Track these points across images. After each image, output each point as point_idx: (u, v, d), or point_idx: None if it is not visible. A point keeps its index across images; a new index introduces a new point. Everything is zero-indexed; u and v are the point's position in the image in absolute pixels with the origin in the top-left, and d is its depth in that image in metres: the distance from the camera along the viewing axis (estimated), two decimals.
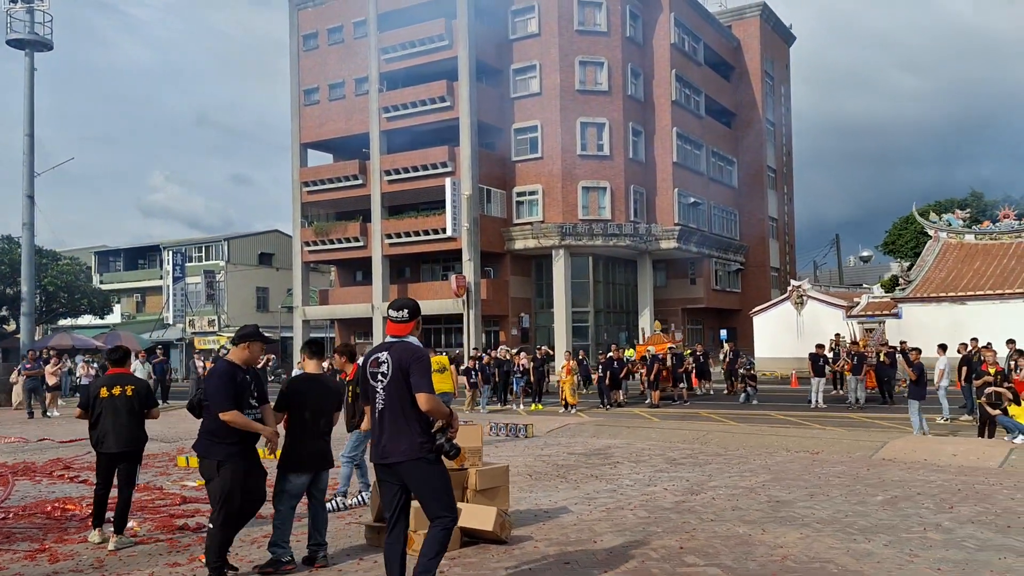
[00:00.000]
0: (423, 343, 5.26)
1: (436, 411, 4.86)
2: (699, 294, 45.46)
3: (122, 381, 7.19)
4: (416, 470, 4.83)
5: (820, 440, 13.01)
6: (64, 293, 30.74)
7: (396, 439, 4.85)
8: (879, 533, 6.91)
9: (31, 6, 26.99)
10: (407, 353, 4.91)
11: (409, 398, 4.83)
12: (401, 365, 4.87)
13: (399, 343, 5.00)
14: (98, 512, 7.14)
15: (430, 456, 4.87)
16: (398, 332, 5.05)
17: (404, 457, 4.82)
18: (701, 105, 45.93)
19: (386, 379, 4.90)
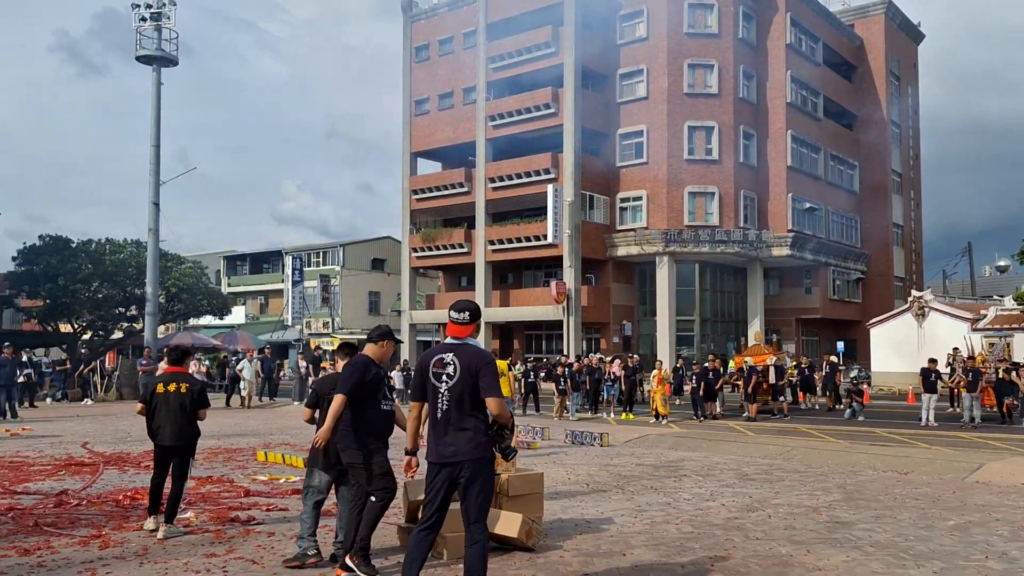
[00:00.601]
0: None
1: (504, 415, 4.98)
2: (815, 304, 43.69)
3: (178, 379, 7.52)
4: (475, 469, 4.93)
5: (912, 460, 12.24)
6: (185, 294, 32.55)
7: (461, 440, 4.93)
8: (934, 559, 6.41)
9: (159, 24, 28.63)
10: (476, 357, 5.01)
11: (472, 400, 4.92)
12: (470, 368, 4.95)
13: (463, 345, 5.07)
14: (153, 500, 7.48)
15: (490, 456, 4.99)
16: (459, 334, 5.10)
17: (466, 456, 4.91)
18: (819, 107, 44.22)
19: (452, 380, 4.97)
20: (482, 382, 4.90)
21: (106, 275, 29.89)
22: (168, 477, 7.46)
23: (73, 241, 30.83)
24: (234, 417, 20.52)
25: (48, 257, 29.52)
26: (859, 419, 21.00)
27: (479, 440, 4.92)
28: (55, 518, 7.93)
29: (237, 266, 59.39)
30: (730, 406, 23.35)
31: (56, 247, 30.08)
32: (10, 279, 29.25)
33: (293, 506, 8.61)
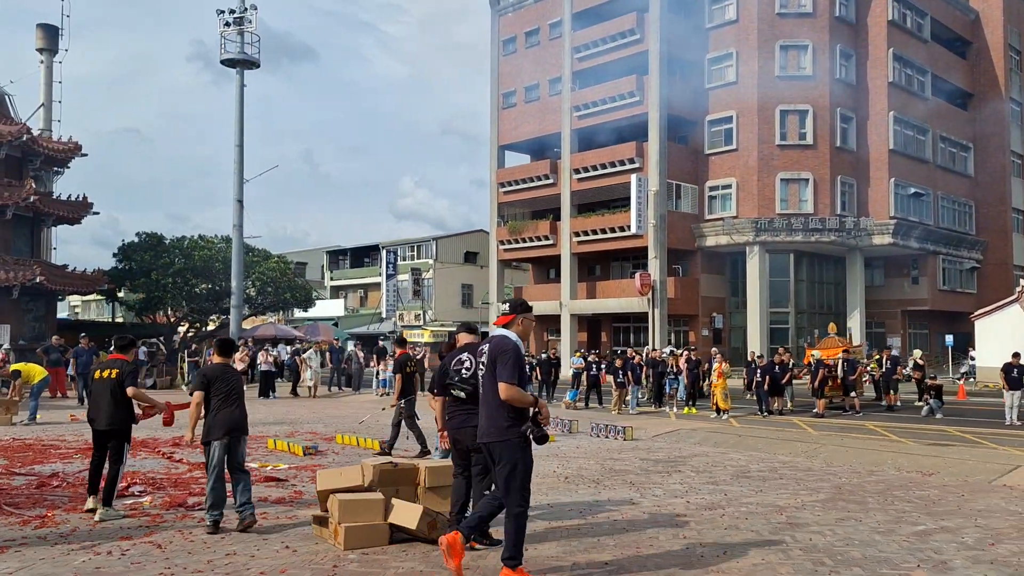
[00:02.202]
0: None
1: (514, 400, 5.25)
2: (922, 295, 41.15)
3: (112, 366, 7.78)
4: (502, 450, 5.29)
5: (943, 460, 11.33)
6: (270, 288, 33.83)
7: (490, 421, 5.38)
8: (856, 566, 5.86)
9: (241, 28, 29.77)
10: (497, 346, 5.43)
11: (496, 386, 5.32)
12: (492, 356, 5.41)
13: (498, 336, 5.54)
14: (92, 481, 7.76)
15: (516, 440, 5.26)
16: (501, 323, 5.65)
17: (493, 438, 5.34)
18: (926, 86, 41.55)
19: (484, 368, 5.48)
20: (497, 369, 5.32)
21: (196, 269, 31.42)
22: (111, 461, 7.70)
23: (167, 238, 32.60)
24: (288, 406, 21.11)
25: (143, 253, 31.28)
26: (937, 417, 19.64)
27: (503, 424, 5.29)
28: (25, 498, 8.34)
29: (339, 260, 61.28)
30: (802, 402, 22.27)
31: (150, 244, 31.86)
32: (110, 275, 31.14)
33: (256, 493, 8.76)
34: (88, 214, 29.81)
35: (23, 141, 27.26)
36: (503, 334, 5.54)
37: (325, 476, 7.09)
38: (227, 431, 7.15)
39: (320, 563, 5.99)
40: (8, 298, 26.59)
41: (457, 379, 6.40)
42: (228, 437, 7.15)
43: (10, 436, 13.63)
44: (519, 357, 5.38)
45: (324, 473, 7.21)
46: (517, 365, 5.32)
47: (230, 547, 6.49)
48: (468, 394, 6.38)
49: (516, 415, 5.28)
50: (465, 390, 6.38)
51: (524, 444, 5.30)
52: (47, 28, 35.85)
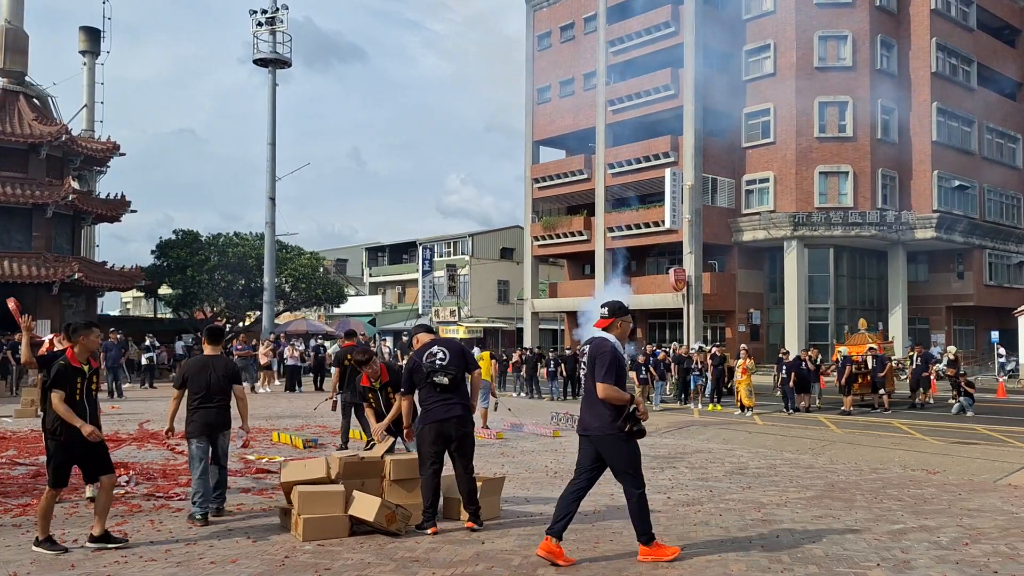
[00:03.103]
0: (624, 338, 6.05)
1: (611, 398, 5.69)
2: (968, 290, 39.98)
3: None
4: (605, 443, 5.75)
5: (952, 458, 11.00)
6: (303, 284, 34.26)
7: (592, 416, 5.81)
8: (812, 564, 5.71)
9: (273, 28, 30.17)
10: (595, 347, 5.82)
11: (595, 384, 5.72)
12: (591, 357, 5.81)
13: (596, 338, 5.90)
14: None
15: (617, 433, 5.67)
16: (600, 326, 5.97)
17: (596, 432, 5.77)
18: (972, 76, 40.35)
19: (585, 367, 5.88)
20: (595, 370, 5.74)
21: (230, 266, 31.96)
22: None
23: (202, 235, 33.21)
24: (312, 400, 21.28)
25: (180, 250, 31.93)
26: (968, 415, 19.09)
27: (605, 419, 5.71)
28: (17, 487, 8.56)
29: (378, 257, 61.78)
30: (831, 399, 21.80)
31: (187, 241, 32.50)
32: (148, 272, 31.84)
33: (241, 484, 8.88)
34: (126, 212, 30.51)
35: (63, 141, 28.00)
36: (602, 336, 5.89)
37: (290, 468, 7.13)
38: (203, 431, 7.18)
39: (273, 553, 6.04)
40: (49, 294, 27.38)
41: (438, 367, 6.78)
42: (207, 436, 7.20)
43: (30, 427, 14.00)
44: (616, 358, 5.77)
45: (289, 465, 7.26)
46: (614, 366, 5.72)
47: (193, 536, 6.58)
48: (450, 380, 6.79)
49: (616, 411, 5.67)
50: (448, 375, 6.78)
51: (627, 436, 5.72)
52: (89, 31, 36.75)
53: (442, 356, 6.84)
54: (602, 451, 5.82)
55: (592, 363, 5.78)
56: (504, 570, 5.60)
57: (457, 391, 6.87)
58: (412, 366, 6.96)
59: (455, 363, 6.84)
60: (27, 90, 29.67)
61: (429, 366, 6.78)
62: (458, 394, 6.88)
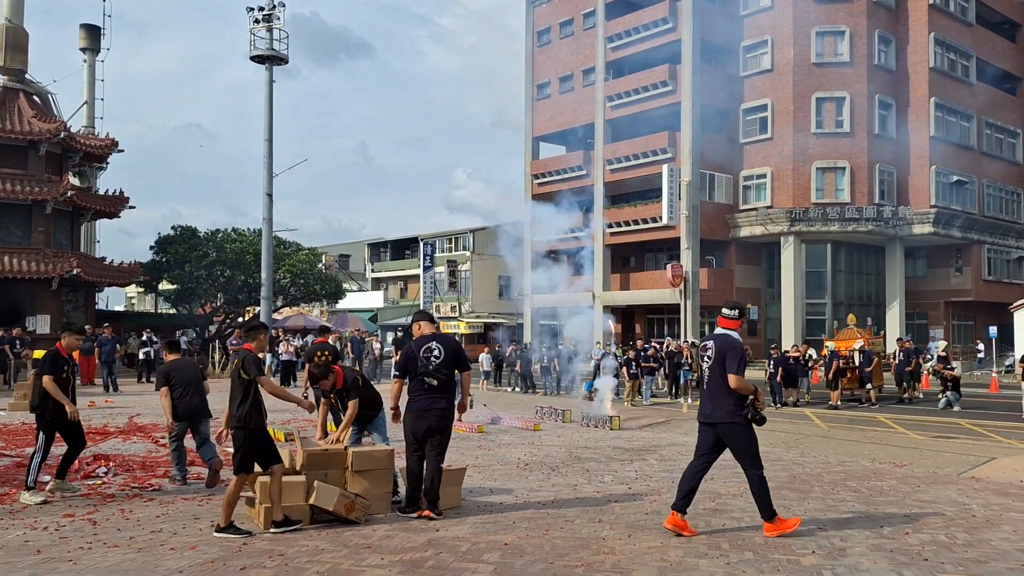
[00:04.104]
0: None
1: (741, 388, 6.29)
2: (966, 286, 40.03)
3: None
4: (730, 430, 6.33)
5: (920, 452, 11.17)
6: (301, 280, 34.51)
7: (716, 406, 6.35)
8: (747, 550, 5.90)
9: (270, 25, 30.36)
10: (725, 343, 6.40)
11: (724, 376, 6.28)
12: (720, 351, 6.37)
13: (722, 335, 6.50)
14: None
15: (741, 420, 6.27)
16: (727, 326, 6.55)
17: (722, 420, 6.33)
18: (971, 71, 40.35)
19: (710, 361, 6.44)
20: (726, 363, 6.30)
21: (228, 262, 32.24)
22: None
23: (200, 231, 33.49)
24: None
25: (178, 246, 32.21)
26: (954, 409, 19.23)
27: (730, 408, 6.28)
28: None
29: (380, 252, 62.05)
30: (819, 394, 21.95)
31: (185, 236, 32.79)
32: (147, 267, 32.14)
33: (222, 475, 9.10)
34: (125, 208, 30.79)
35: (62, 138, 28.28)
36: (728, 333, 6.49)
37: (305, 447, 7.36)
38: (187, 416, 8.66)
39: (232, 541, 6.26)
40: (48, 289, 27.68)
41: (432, 367, 7.11)
42: (189, 420, 8.68)
43: (21, 420, 14.28)
44: (743, 353, 6.45)
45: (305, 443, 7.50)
46: (744, 360, 6.37)
47: (160, 524, 6.81)
48: (440, 383, 7.13)
49: (739, 401, 6.27)
50: (438, 378, 7.12)
51: (747, 423, 6.33)
52: (90, 28, 36.99)
53: (437, 354, 7.14)
54: (724, 437, 6.41)
55: (721, 357, 6.35)
56: (451, 556, 5.81)
57: (445, 389, 7.19)
58: (408, 356, 7.23)
59: (448, 363, 7.17)
60: (27, 87, 29.95)
61: (424, 363, 7.09)
62: (445, 391, 7.20)
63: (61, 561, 5.67)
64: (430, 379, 7.09)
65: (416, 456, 7.18)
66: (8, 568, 5.50)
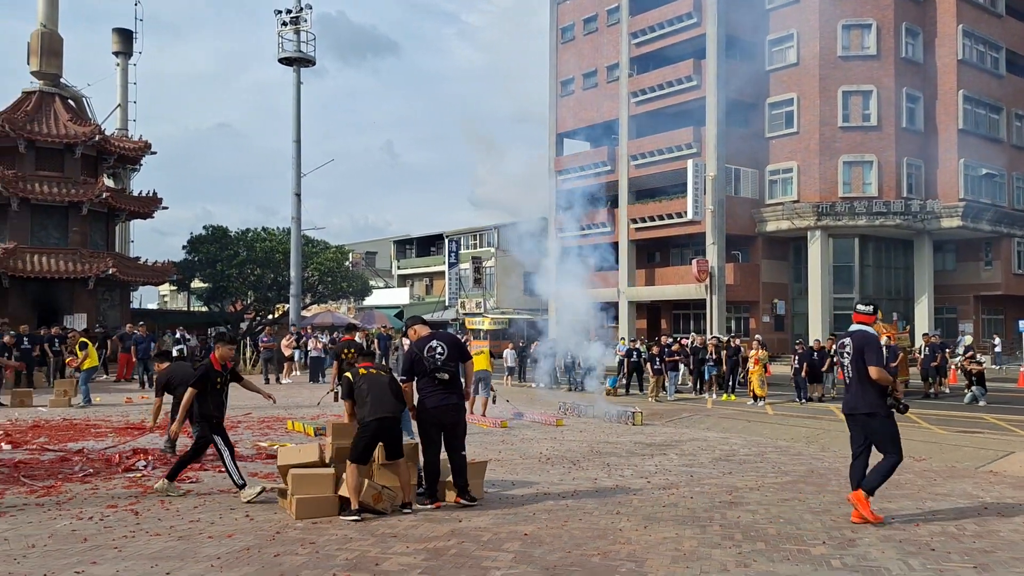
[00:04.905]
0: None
1: (882, 379, 6.71)
2: (996, 279, 39.63)
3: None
4: (871, 420, 6.76)
5: (940, 446, 11.27)
6: (328, 278, 35.02)
7: (859, 398, 6.80)
8: (760, 541, 6.11)
9: (298, 27, 30.82)
10: (863, 338, 6.83)
11: (866, 370, 6.68)
12: (859, 346, 6.78)
13: (860, 330, 6.93)
14: None
15: (883, 411, 6.72)
16: (861, 320, 7.02)
17: (863, 410, 6.78)
18: (1001, 62, 39.89)
19: (849, 356, 6.85)
20: (865, 357, 6.72)
21: (258, 260, 32.80)
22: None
23: (231, 231, 34.09)
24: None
25: (209, 245, 32.83)
26: (980, 404, 19.20)
27: (873, 399, 6.72)
28: (44, 471, 9.22)
29: (406, 249, 62.56)
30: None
31: (216, 236, 33.40)
32: (179, 266, 32.78)
33: (251, 468, 9.46)
34: (158, 209, 31.44)
35: (96, 141, 28.95)
36: (865, 329, 6.93)
37: (285, 453, 7.69)
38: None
39: (266, 530, 6.59)
40: (85, 289, 28.37)
41: (440, 363, 7.44)
42: None
43: (61, 416, 14.78)
44: (881, 347, 6.93)
45: (285, 450, 7.83)
46: (882, 353, 6.83)
47: (198, 515, 7.15)
48: (450, 375, 7.48)
49: (880, 392, 6.69)
50: (449, 371, 7.48)
51: (889, 412, 6.77)
52: (122, 32, 37.70)
53: (441, 351, 7.50)
54: (865, 427, 6.84)
55: (860, 351, 6.75)
56: (473, 545, 6.08)
57: (455, 383, 7.58)
58: (413, 357, 7.59)
59: (452, 357, 7.54)
60: (62, 92, 30.68)
61: (431, 361, 7.44)
62: (454, 384, 7.60)
63: (107, 548, 6.01)
64: (441, 374, 7.47)
65: (435, 451, 7.54)
66: (58, 555, 5.85)
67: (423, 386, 7.55)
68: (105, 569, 5.47)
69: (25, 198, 27.83)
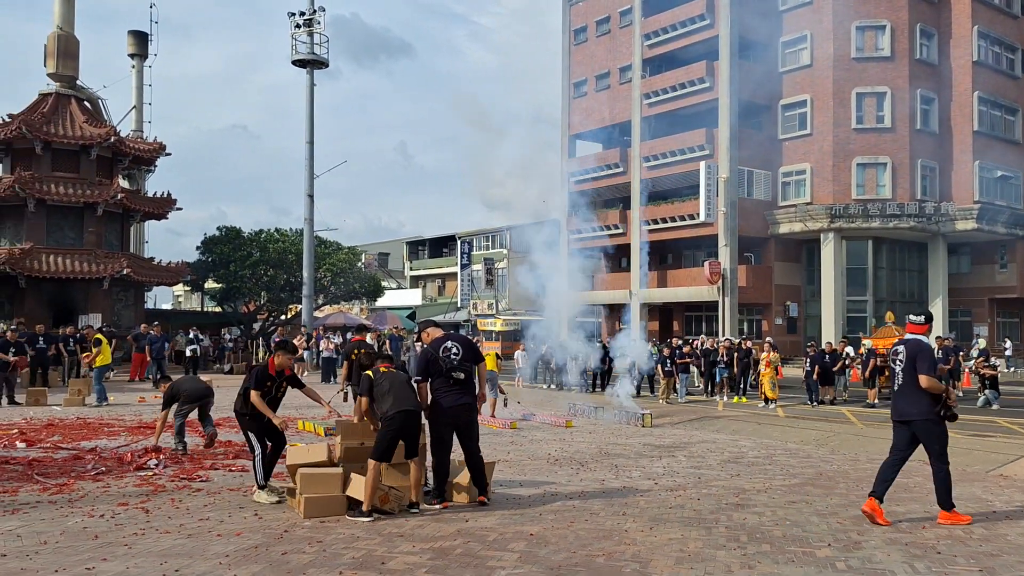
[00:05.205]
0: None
1: (932, 388, 6.84)
2: (1011, 282, 39.36)
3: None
4: (924, 427, 6.86)
5: (954, 449, 11.04)
6: (341, 279, 35.19)
7: (910, 405, 6.90)
8: (765, 543, 6.12)
9: (311, 29, 30.98)
10: (916, 347, 6.98)
11: (913, 377, 6.83)
12: (911, 354, 6.94)
13: (913, 339, 7.11)
14: None
15: (935, 418, 6.83)
16: (914, 331, 7.21)
17: (916, 417, 6.88)
18: (1016, 63, 39.65)
19: (902, 363, 6.99)
20: (917, 365, 6.86)
21: (271, 261, 32.99)
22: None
23: (244, 231, 34.30)
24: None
25: (223, 246, 33.04)
26: (993, 408, 19.09)
27: (925, 407, 6.82)
28: (57, 469, 9.33)
29: (419, 251, 62.71)
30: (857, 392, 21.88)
31: (229, 237, 33.62)
32: (193, 267, 33.01)
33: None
34: (172, 210, 31.65)
35: (112, 143, 29.19)
36: (918, 338, 7.11)
37: (294, 452, 7.76)
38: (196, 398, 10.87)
39: (275, 528, 6.65)
40: (100, 289, 28.60)
41: (456, 363, 7.55)
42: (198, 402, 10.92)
43: (75, 415, 14.93)
44: (934, 356, 7.06)
45: (293, 449, 7.89)
46: (934, 362, 6.98)
47: (208, 513, 7.22)
48: (466, 375, 7.61)
49: (932, 399, 6.80)
50: (465, 371, 7.60)
51: (940, 420, 6.88)
52: (137, 35, 37.97)
53: (456, 351, 7.63)
54: (918, 433, 6.93)
55: (913, 359, 6.89)
56: (478, 544, 6.12)
57: (468, 383, 7.69)
58: (429, 357, 7.68)
59: (467, 357, 7.67)
60: (78, 93, 30.95)
61: (447, 361, 7.56)
62: (468, 385, 7.71)
63: (117, 546, 6.09)
64: (457, 373, 7.57)
65: (446, 452, 7.61)
66: (69, 551, 5.93)
67: (438, 386, 7.63)
68: (115, 566, 5.54)
69: (41, 199, 28.09)
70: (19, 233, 28.56)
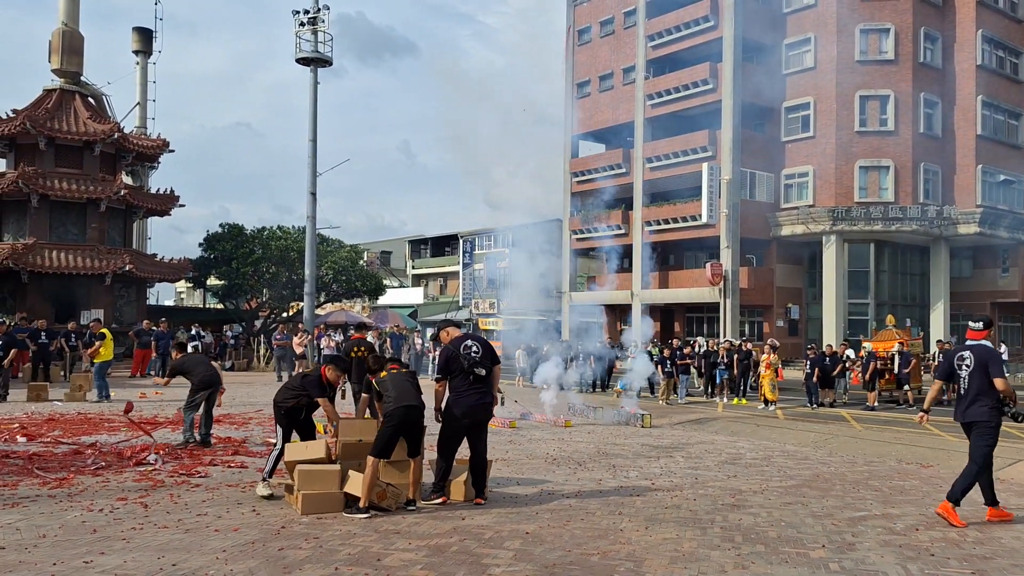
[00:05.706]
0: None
1: (1007, 392, 7.12)
2: (1013, 286, 39.34)
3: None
4: (982, 428, 7.08)
5: (947, 452, 11.26)
6: (343, 277, 35.22)
7: (975, 407, 7.10)
8: (759, 544, 6.15)
9: (315, 27, 31.00)
10: (985, 353, 7.22)
11: (987, 381, 7.05)
12: (981, 360, 7.15)
13: (978, 345, 7.30)
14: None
15: (994, 422, 7.09)
16: (976, 337, 7.40)
17: (978, 419, 7.10)
18: (1020, 68, 39.62)
19: (970, 368, 7.20)
20: (990, 369, 7.10)
21: (273, 259, 33.03)
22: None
23: (247, 229, 34.35)
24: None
25: (225, 243, 33.09)
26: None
27: (990, 409, 7.04)
28: (57, 463, 9.37)
29: (421, 249, 62.75)
30: (858, 395, 21.89)
31: (232, 234, 33.67)
32: (195, 263, 33.09)
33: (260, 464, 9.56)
34: (175, 206, 31.72)
35: (115, 139, 29.26)
36: (984, 343, 7.33)
37: (292, 449, 7.80)
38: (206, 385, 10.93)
39: (272, 525, 6.69)
40: (102, 285, 28.67)
41: (477, 360, 7.68)
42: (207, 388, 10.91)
43: (76, 410, 14.98)
44: (1003, 360, 7.38)
45: (292, 446, 7.92)
46: (1003, 366, 7.24)
47: (206, 508, 7.27)
48: (487, 371, 7.73)
49: (996, 403, 7.07)
50: (485, 367, 7.72)
51: (998, 426, 7.15)
52: (142, 32, 38.03)
53: (476, 349, 7.74)
54: (976, 435, 7.12)
55: (984, 364, 7.11)
56: (474, 542, 6.16)
57: (487, 382, 7.77)
58: (450, 355, 7.75)
59: (486, 356, 7.78)
60: (82, 89, 31.01)
61: (467, 358, 7.65)
62: (487, 384, 7.76)
63: (115, 540, 6.13)
64: (479, 369, 7.66)
65: (454, 449, 7.67)
66: (67, 545, 5.97)
67: (456, 385, 7.68)
68: (113, 559, 5.59)
69: (44, 194, 28.16)
70: (22, 228, 28.65)
